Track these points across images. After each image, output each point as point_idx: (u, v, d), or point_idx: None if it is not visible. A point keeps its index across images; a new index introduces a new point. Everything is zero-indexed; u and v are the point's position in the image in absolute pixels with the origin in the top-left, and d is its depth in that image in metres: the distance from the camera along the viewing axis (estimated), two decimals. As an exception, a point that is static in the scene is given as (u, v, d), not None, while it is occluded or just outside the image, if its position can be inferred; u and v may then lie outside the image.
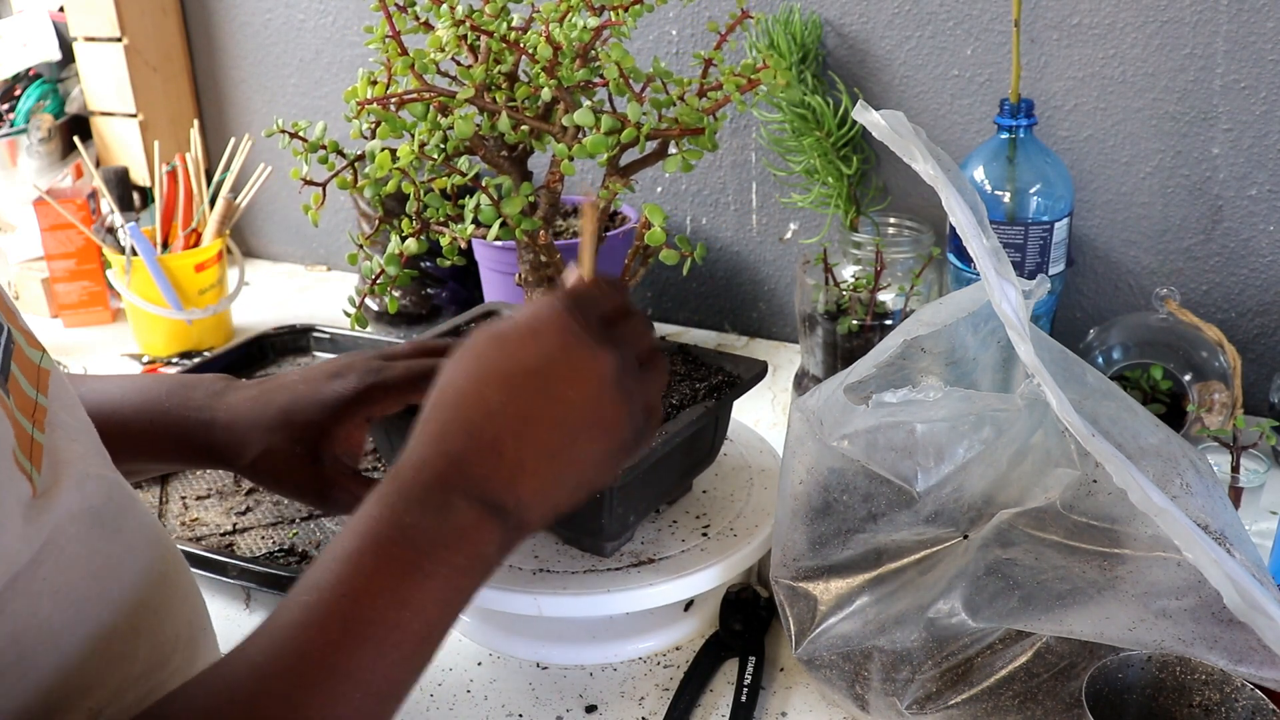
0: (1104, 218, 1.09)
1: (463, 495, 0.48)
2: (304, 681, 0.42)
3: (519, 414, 0.50)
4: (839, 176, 1.11)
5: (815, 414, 0.70)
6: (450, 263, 0.75)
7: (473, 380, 0.51)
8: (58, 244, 1.37)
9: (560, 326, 0.51)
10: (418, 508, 0.48)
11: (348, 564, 0.46)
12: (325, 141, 0.73)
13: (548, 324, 0.51)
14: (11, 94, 1.52)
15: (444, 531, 0.47)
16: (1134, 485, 0.56)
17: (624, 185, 0.73)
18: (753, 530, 0.77)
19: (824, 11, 1.14)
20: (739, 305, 1.32)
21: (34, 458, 0.45)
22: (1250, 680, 0.56)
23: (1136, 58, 1.02)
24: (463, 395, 0.51)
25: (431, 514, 0.47)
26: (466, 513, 0.48)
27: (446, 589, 0.47)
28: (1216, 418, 0.91)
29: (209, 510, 0.95)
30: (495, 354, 0.51)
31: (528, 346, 0.51)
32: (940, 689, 0.64)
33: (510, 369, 0.51)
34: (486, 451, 0.49)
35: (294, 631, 0.44)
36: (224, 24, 1.53)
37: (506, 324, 0.53)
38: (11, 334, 0.48)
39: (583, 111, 0.68)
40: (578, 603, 0.71)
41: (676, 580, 0.72)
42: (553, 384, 0.50)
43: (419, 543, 0.47)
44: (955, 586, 0.64)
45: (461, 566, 0.47)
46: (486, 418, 0.50)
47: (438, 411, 0.51)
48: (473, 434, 0.50)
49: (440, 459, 0.49)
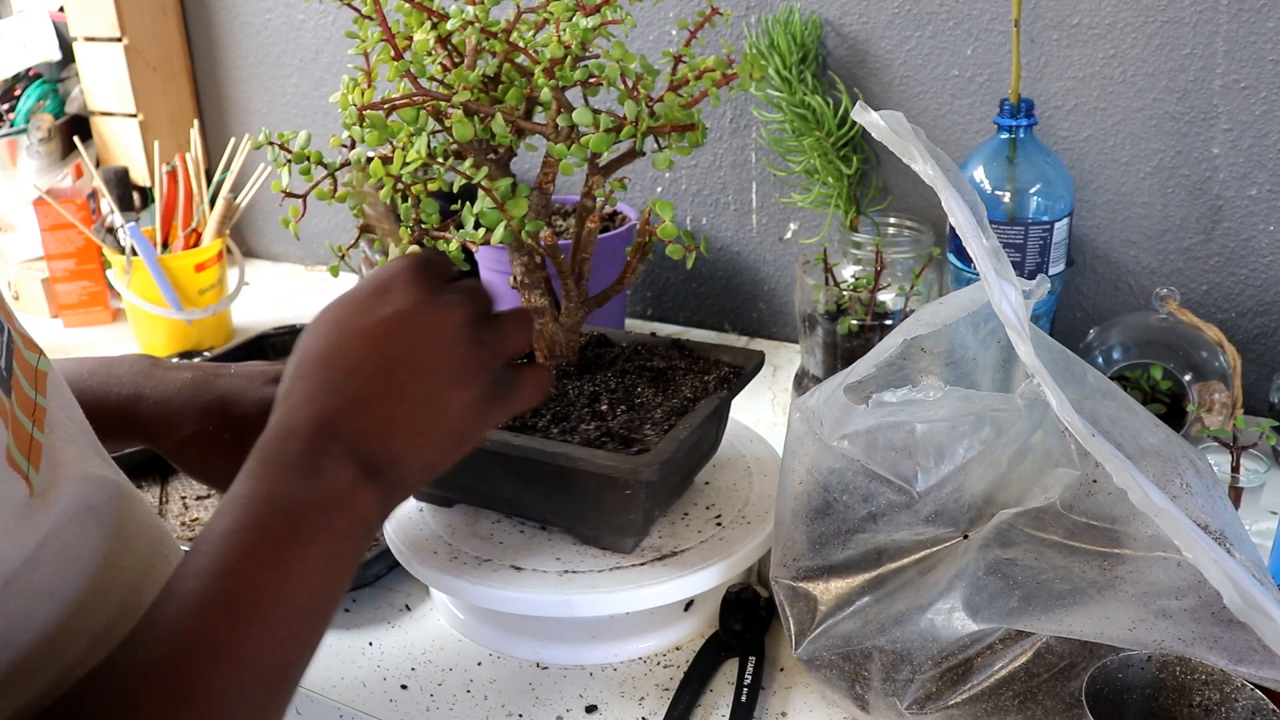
0: (1104, 218, 1.09)
1: (334, 458, 0.48)
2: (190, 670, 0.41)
3: (380, 367, 0.50)
4: (839, 176, 1.11)
5: (815, 414, 0.70)
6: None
7: (330, 342, 0.51)
8: (58, 244, 1.37)
9: (407, 280, 0.52)
10: (288, 477, 0.47)
11: (222, 544, 0.45)
12: (308, 152, 0.73)
13: (395, 281, 0.53)
14: (11, 94, 1.52)
15: (318, 497, 0.47)
16: (1134, 485, 0.56)
17: (620, 185, 0.74)
18: (764, 516, 0.77)
19: (824, 11, 1.14)
20: (739, 305, 1.32)
21: (32, 457, 0.45)
22: (1250, 680, 0.56)
23: (1136, 58, 1.02)
24: (322, 358, 0.51)
25: (303, 481, 0.47)
26: (339, 475, 0.47)
27: (328, 556, 0.46)
28: (1216, 418, 0.91)
29: (209, 510, 0.95)
30: (349, 313, 0.52)
31: (379, 301, 0.52)
32: (940, 689, 0.64)
33: (365, 324, 0.51)
34: (353, 408, 0.49)
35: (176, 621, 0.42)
36: (224, 24, 1.53)
37: (354, 288, 0.54)
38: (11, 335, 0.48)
39: (581, 111, 0.68)
40: (569, 603, 0.71)
41: (676, 580, 0.72)
42: (408, 334, 0.51)
43: (293, 512, 0.46)
44: (955, 586, 0.64)
45: (341, 532, 0.47)
46: (348, 374, 0.50)
47: (298, 379, 0.51)
48: (337, 392, 0.50)
49: (307, 424, 0.49)
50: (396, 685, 0.74)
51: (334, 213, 1.57)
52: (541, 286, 0.78)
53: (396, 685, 0.74)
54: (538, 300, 0.78)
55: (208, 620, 0.42)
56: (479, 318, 0.54)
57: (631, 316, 1.38)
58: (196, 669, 0.41)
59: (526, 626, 0.76)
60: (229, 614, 0.43)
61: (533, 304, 0.78)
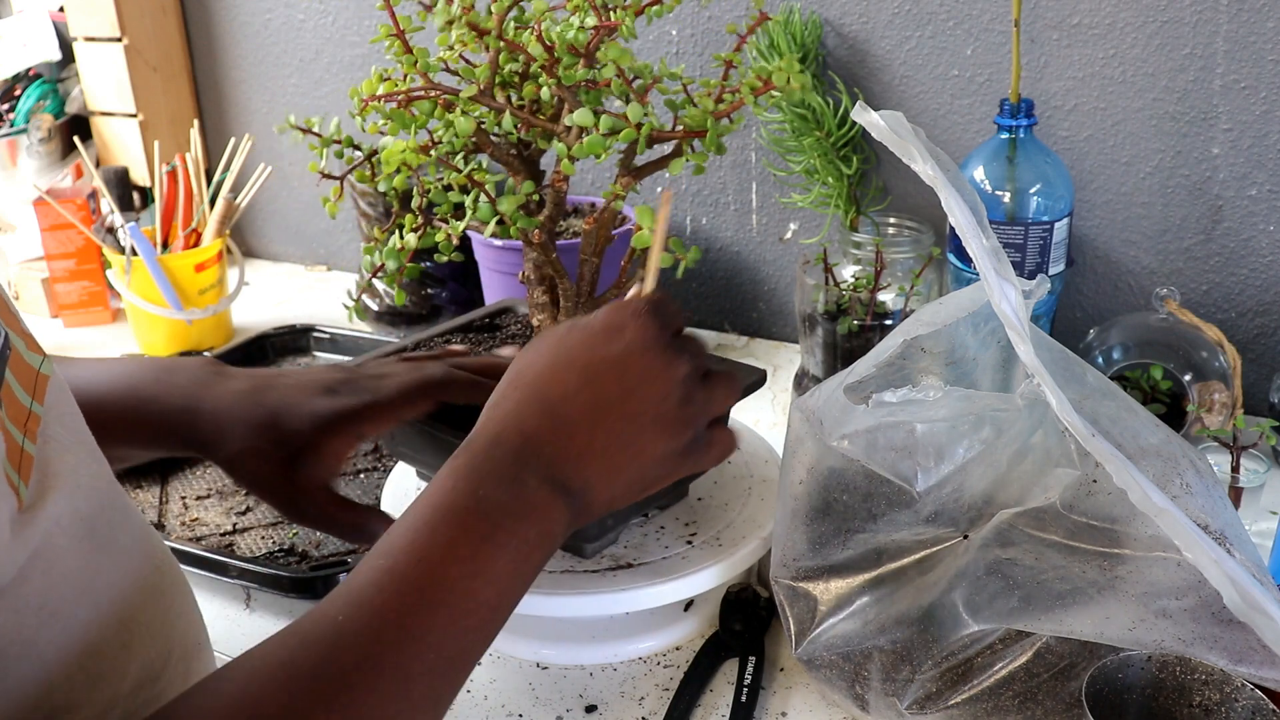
0: (1104, 218, 1.09)
1: (534, 472, 0.51)
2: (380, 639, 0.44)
3: (594, 401, 0.53)
4: (839, 176, 1.11)
5: (815, 414, 0.70)
6: (447, 258, 0.74)
7: (552, 364, 0.54)
8: (58, 244, 1.37)
9: (641, 326, 0.54)
10: (492, 480, 0.50)
11: (424, 531, 0.48)
12: (340, 136, 0.73)
13: (630, 322, 0.55)
14: (11, 94, 1.52)
15: (516, 505, 0.49)
16: (1134, 485, 0.56)
17: (627, 187, 0.73)
18: (739, 541, 0.75)
19: (824, 11, 1.14)
20: (739, 305, 1.32)
21: (22, 470, 0.44)
22: (1250, 680, 0.56)
23: (1136, 58, 1.02)
24: (541, 377, 0.54)
25: (505, 487, 0.50)
26: (537, 489, 0.50)
27: (516, 561, 0.49)
28: (1216, 418, 0.91)
29: (209, 510, 0.95)
30: (577, 342, 0.55)
31: (609, 340, 0.54)
32: (940, 689, 0.64)
33: (590, 358, 0.54)
34: (560, 432, 0.52)
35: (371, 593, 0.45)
36: (224, 24, 1.53)
37: (591, 317, 0.56)
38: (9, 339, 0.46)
39: (582, 112, 0.68)
40: (569, 603, 0.71)
41: (676, 580, 0.72)
42: (628, 378, 0.53)
43: (492, 514, 0.49)
44: (955, 586, 0.64)
45: (531, 540, 0.49)
46: (563, 400, 0.53)
47: (515, 390, 0.54)
48: (548, 414, 0.53)
49: (515, 435, 0.52)
50: (396, 685, 0.74)
51: (334, 213, 1.57)
52: (545, 284, 0.78)
53: (396, 685, 0.74)
54: (540, 297, 0.78)
55: (404, 598, 0.45)
56: (696, 374, 0.56)
57: (631, 316, 1.38)
58: (389, 639, 0.44)
59: (526, 626, 0.76)
60: (423, 596, 0.45)
61: (536, 300, 0.78)
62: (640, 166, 0.73)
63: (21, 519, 0.43)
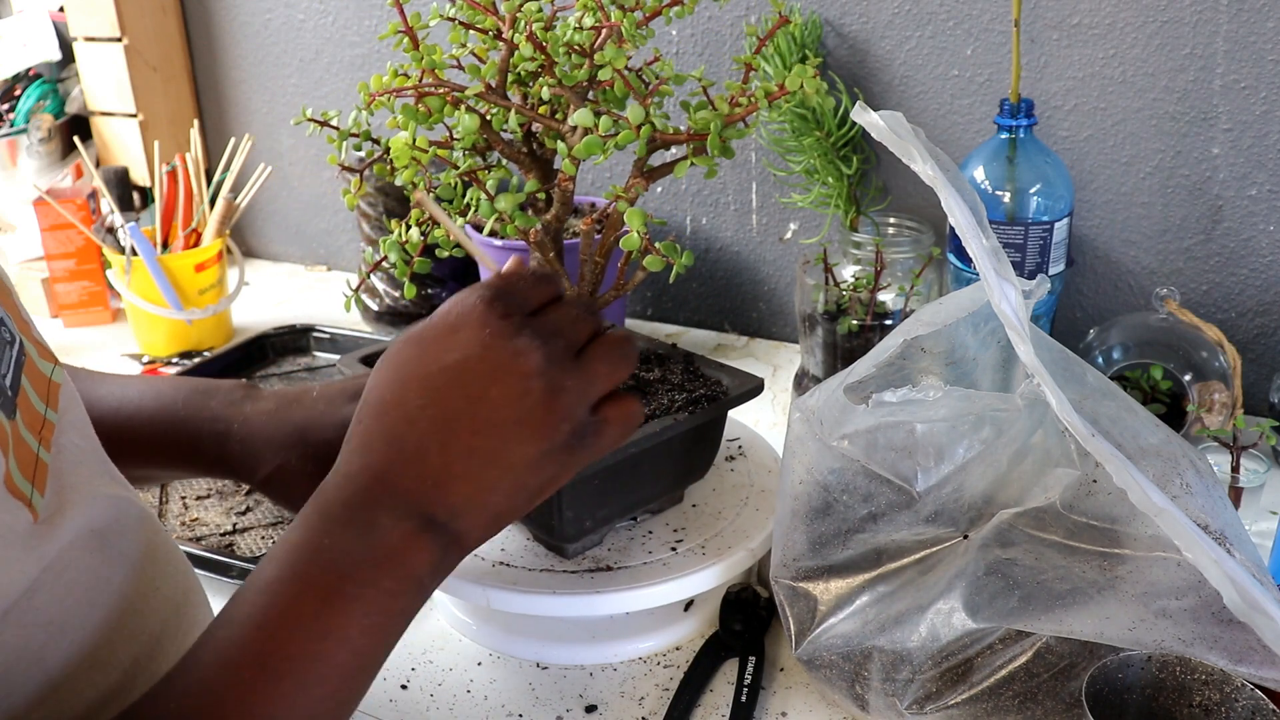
0: (1104, 218, 1.09)
1: (388, 510, 0.46)
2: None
3: (441, 417, 0.47)
4: (839, 176, 1.11)
5: (815, 414, 0.70)
6: (448, 254, 0.74)
7: (392, 386, 0.49)
8: (58, 244, 1.37)
9: (478, 320, 0.48)
10: (339, 528, 0.45)
11: (264, 594, 0.43)
12: (359, 130, 0.73)
13: (465, 319, 0.48)
14: (11, 94, 1.52)
15: (369, 552, 0.44)
16: (1134, 485, 0.56)
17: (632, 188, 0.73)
18: (724, 551, 0.75)
19: (824, 11, 1.14)
20: (739, 305, 1.32)
21: (37, 480, 0.42)
22: (1250, 680, 0.56)
23: (1136, 58, 1.02)
24: (383, 403, 0.48)
25: (354, 534, 0.45)
26: (393, 530, 0.45)
27: (375, 614, 0.44)
28: (1216, 418, 0.91)
29: (209, 510, 0.95)
30: (413, 355, 0.49)
31: (445, 344, 0.48)
32: (940, 689, 0.64)
33: (428, 370, 0.48)
34: (410, 460, 0.47)
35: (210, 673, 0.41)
36: (224, 24, 1.53)
37: (425, 323, 0.50)
38: (24, 346, 0.45)
39: (582, 112, 0.67)
40: (564, 602, 0.71)
41: (676, 580, 0.72)
42: (473, 382, 0.47)
43: (341, 566, 0.44)
44: (955, 586, 0.64)
45: (390, 589, 0.45)
46: (408, 423, 0.47)
47: (359, 423, 0.49)
48: (394, 442, 0.47)
49: (363, 473, 0.47)
50: (396, 685, 0.74)
51: (334, 212, 1.57)
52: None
53: (396, 685, 0.74)
54: None
55: (241, 674, 0.41)
56: (562, 356, 0.49)
57: (631, 316, 1.38)
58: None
59: (526, 626, 0.76)
60: (264, 669, 0.41)
61: None
62: (655, 168, 0.72)
63: (38, 532, 0.42)
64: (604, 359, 0.50)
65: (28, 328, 0.47)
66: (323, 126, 0.73)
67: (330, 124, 0.73)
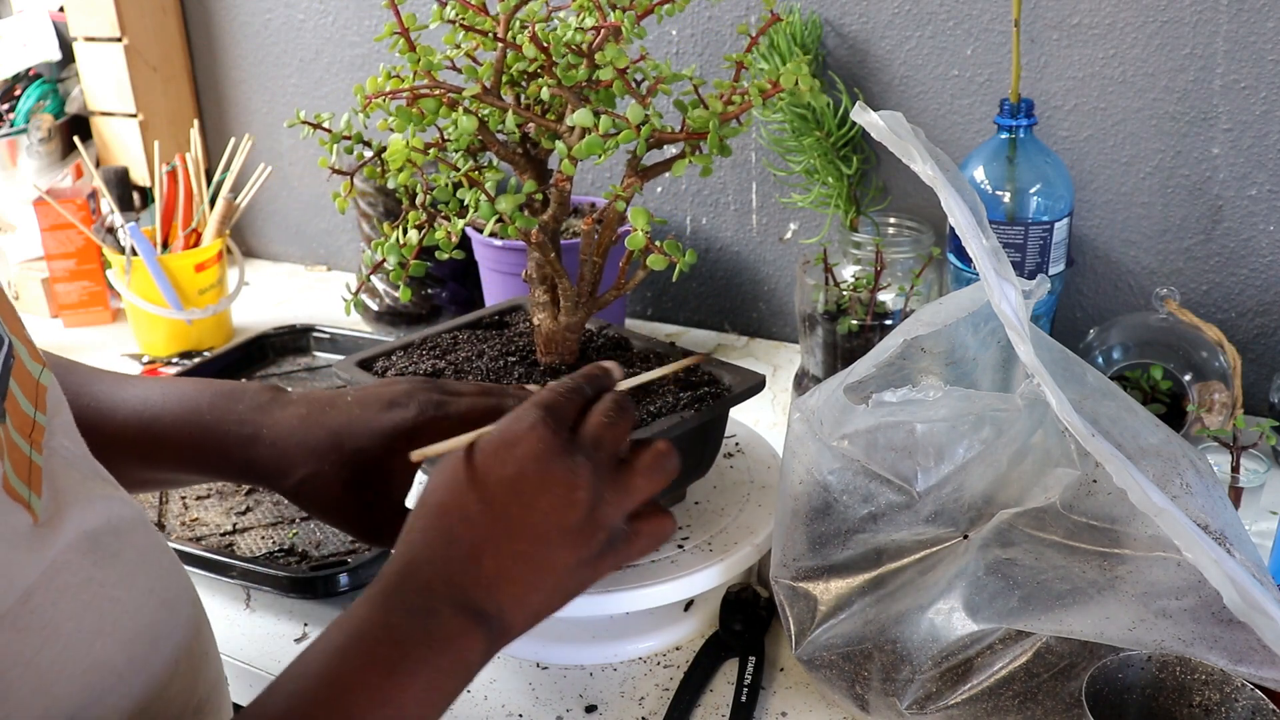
0: (1104, 218, 1.09)
1: (446, 601, 0.50)
2: None
3: (495, 524, 0.52)
4: (839, 176, 1.11)
5: (815, 414, 0.70)
6: (448, 256, 0.74)
7: (451, 489, 0.53)
8: (58, 244, 1.37)
9: (534, 437, 0.53)
10: (402, 609, 0.50)
11: (335, 656, 0.48)
12: (350, 133, 0.73)
13: (522, 435, 0.53)
14: (11, 94, 1.52)
15: (427, 635, 0.49)
16: (1134, 485, 0.56)
17: (629, 188, 0.73)
18: (730, 547, 0.75)
19: (824, 11, 1.14)
20: (739, 305, 1.32)
21: (33, 482, 0.43)
22: (1250, 680, 0.56)
23: (1136, 58, 1.02)
24: (443, 504, 0.53)
25: (416, 617, 0.50)
26: (450, 619, 0.50)
27: (428, 690, 0.49)
28: (1216, 418, 0.91)
29: (209, 510, 0.95)
30: (475, 465, 0.53)
31: (503, 457, 0.53)
32: (940, 689, 0.64)
33: (487, 479, 0.53)
34: (466, 559, 0.52)
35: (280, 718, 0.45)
36: (224, 24, 1.53)
37: (489, 435, 0.54)
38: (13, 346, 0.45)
39: (582, 112, 0.67)
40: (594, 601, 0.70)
41: (676, 580, 0.72)
42: (526, 494, 0.52)
43: (403, 643, 0.49)
44: (955, 586, 0.64)
45: (444, 669, 0.49)
46: (465, 526, 0.52)
47: (421, 518, 0.53)
48: (452, 542, 0.52)
49: (424, 565, 0.52)
50: (396, 685, 0.74)
51: (334, 212, 1.57)
52: (547, 284, 0.78)
53: (396, 685, 0.74)
54: (542, 296, 0.78)
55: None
56: (603, 472, 0.54)
57: (631, 316, 1.38)
58: None
59: (526, 626, 0.76)
60: None
61: (538, 300, 0.78)
62: (649, 167, 0.72)
63: (39, 534, 0.42)
64: (644, 473, 0.56)
65: (19, 327, 0.47)
66: (315, 129, 0.73)
67: (323, 127, 0.73)
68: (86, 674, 0.45)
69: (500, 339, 0.84)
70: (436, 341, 0.84)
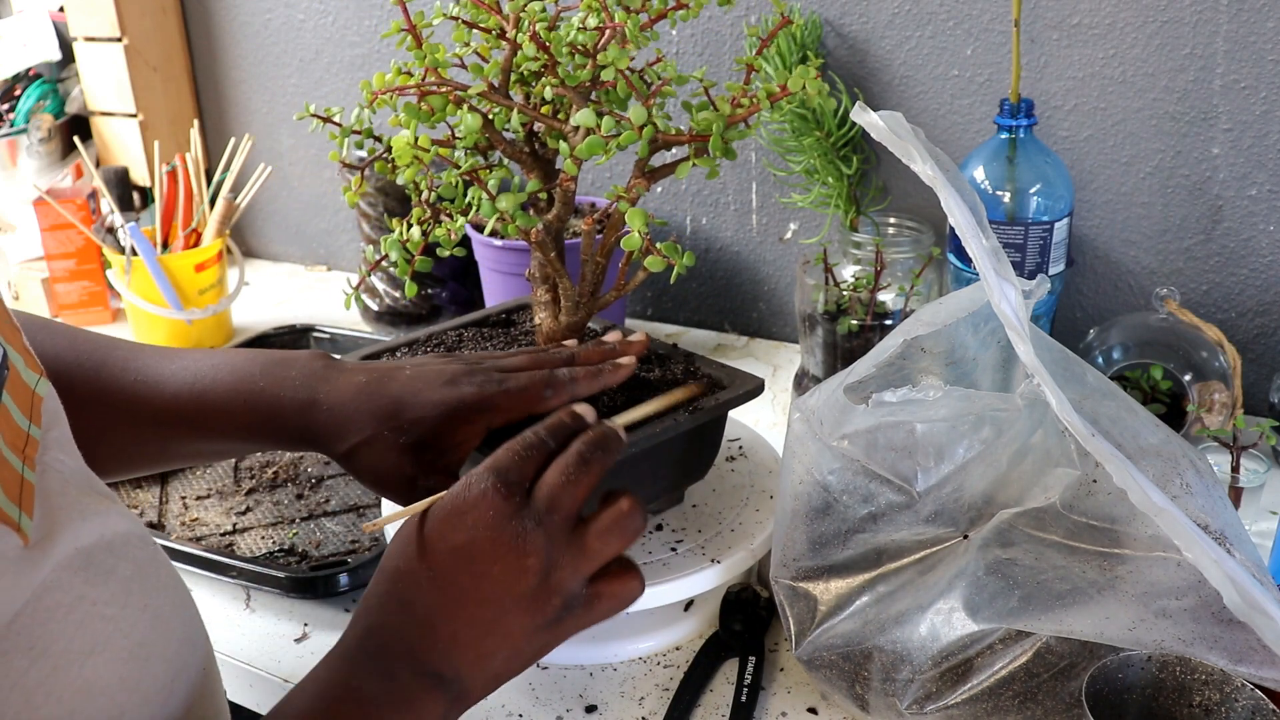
0: (1104, 218, 1.09)
1: (405, 665, 0.52)
2: None
3: (446, 591, 0.53)
4: (839, 176, 1.11)
5: (815, 414, 0.70)
6: (449, 253, 0.74)
7: (405, 557, 0.54)
8: (58, 244, 1.37)
9: (484, 504, 0.53)
10: (363, 672, 0.51)
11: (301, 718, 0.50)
12: (361, 127, 0.73)
13: (473, 502, 0.53)
14: (11, 94, 1.52)
15: (389, 697, 0.51)
16: (1134, 485, 0.56)
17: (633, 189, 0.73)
18: (724, 551, 0.75)
19: (824, 11, 1.14)
20: (739, 305, 1.32)
21: (24, 502, 0.42)
22: (1250, 680, 0.56)
23: (1136, 58, 1.02)
24: (397, 570, 0.54)
25: (377, 679, 0.51)
26: (410, 681, 0.51)
27: None
28: (1216, 418, 0.91)
29: (209, 510, 0.95)
30: (428, 534, 0.54)
31: (454, 524, 0.53)
32: (940, 689, 0.64)
33: (437, 547, 0.53)
34: (421, 625, 0.52)
35: None
36: (224, 24, 1.53)
37: (442, 502, 0.54)
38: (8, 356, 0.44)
39: (585, 112, 0.67)
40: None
41: (676, 580, 0.72)
42: (478, 562, 0.53)
43: (365, 706, 0.50)
44: (955, 586, 0.64)
45: None
46: (418, 593, 0.53)
47: (379, 584, 0.54)
48: (407, 608, 0.53)
49: (381, 629, 0.53)
50: (396, 685, 0.74)
51: (334, 212, 1.57)
52: (549, 283, 0.78)
53: (396, 685, 0.74)
54: (544, 296, 0.78)
55: None
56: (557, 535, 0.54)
57: (631, 316, 1.38)
58: None
59: (526, 626, 0.76)
60: None
61: (540, 299, 0.78)
62: (657, 169, 0.72)
63: (28, 557, 0.41)
64: (602, 535, 0.55)
65: (16, 335, 0.46)
66: (325, 123, 0.73)
67: (333, 120, 0.73)
68: (75, 694, 0.43)
69: (505, 337, 0.84)
70: (442, 339, 0.83)
